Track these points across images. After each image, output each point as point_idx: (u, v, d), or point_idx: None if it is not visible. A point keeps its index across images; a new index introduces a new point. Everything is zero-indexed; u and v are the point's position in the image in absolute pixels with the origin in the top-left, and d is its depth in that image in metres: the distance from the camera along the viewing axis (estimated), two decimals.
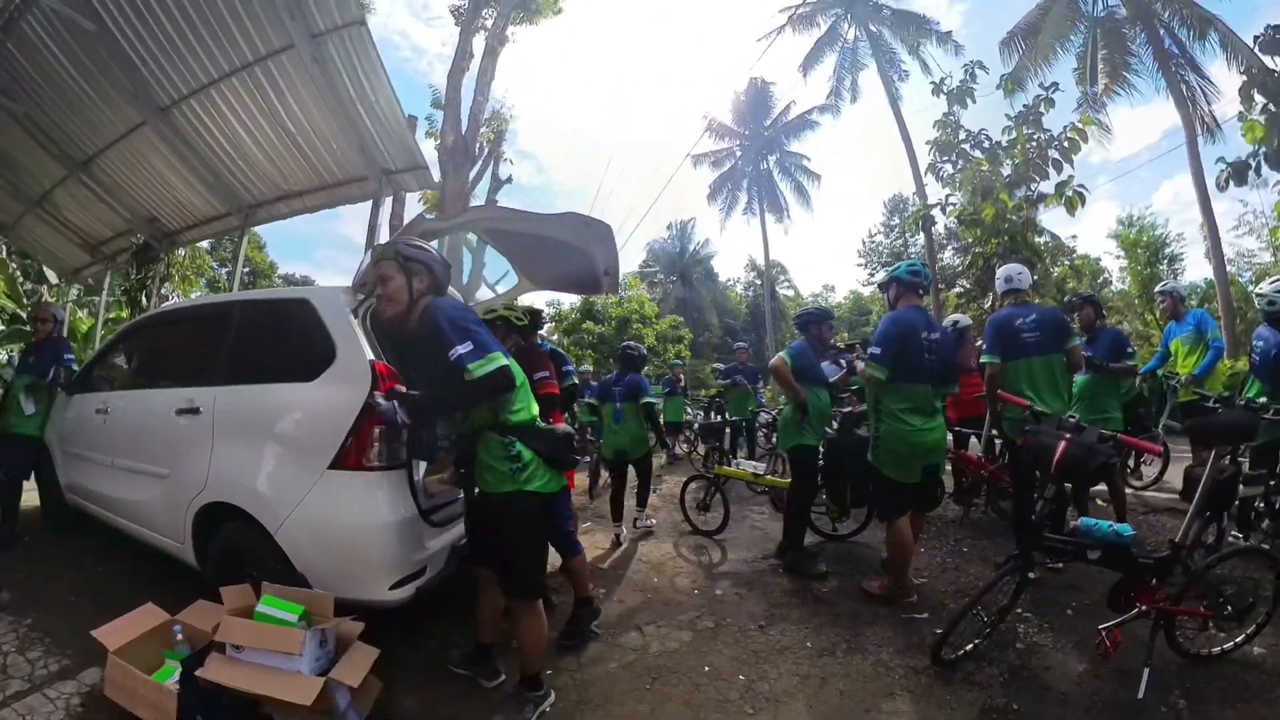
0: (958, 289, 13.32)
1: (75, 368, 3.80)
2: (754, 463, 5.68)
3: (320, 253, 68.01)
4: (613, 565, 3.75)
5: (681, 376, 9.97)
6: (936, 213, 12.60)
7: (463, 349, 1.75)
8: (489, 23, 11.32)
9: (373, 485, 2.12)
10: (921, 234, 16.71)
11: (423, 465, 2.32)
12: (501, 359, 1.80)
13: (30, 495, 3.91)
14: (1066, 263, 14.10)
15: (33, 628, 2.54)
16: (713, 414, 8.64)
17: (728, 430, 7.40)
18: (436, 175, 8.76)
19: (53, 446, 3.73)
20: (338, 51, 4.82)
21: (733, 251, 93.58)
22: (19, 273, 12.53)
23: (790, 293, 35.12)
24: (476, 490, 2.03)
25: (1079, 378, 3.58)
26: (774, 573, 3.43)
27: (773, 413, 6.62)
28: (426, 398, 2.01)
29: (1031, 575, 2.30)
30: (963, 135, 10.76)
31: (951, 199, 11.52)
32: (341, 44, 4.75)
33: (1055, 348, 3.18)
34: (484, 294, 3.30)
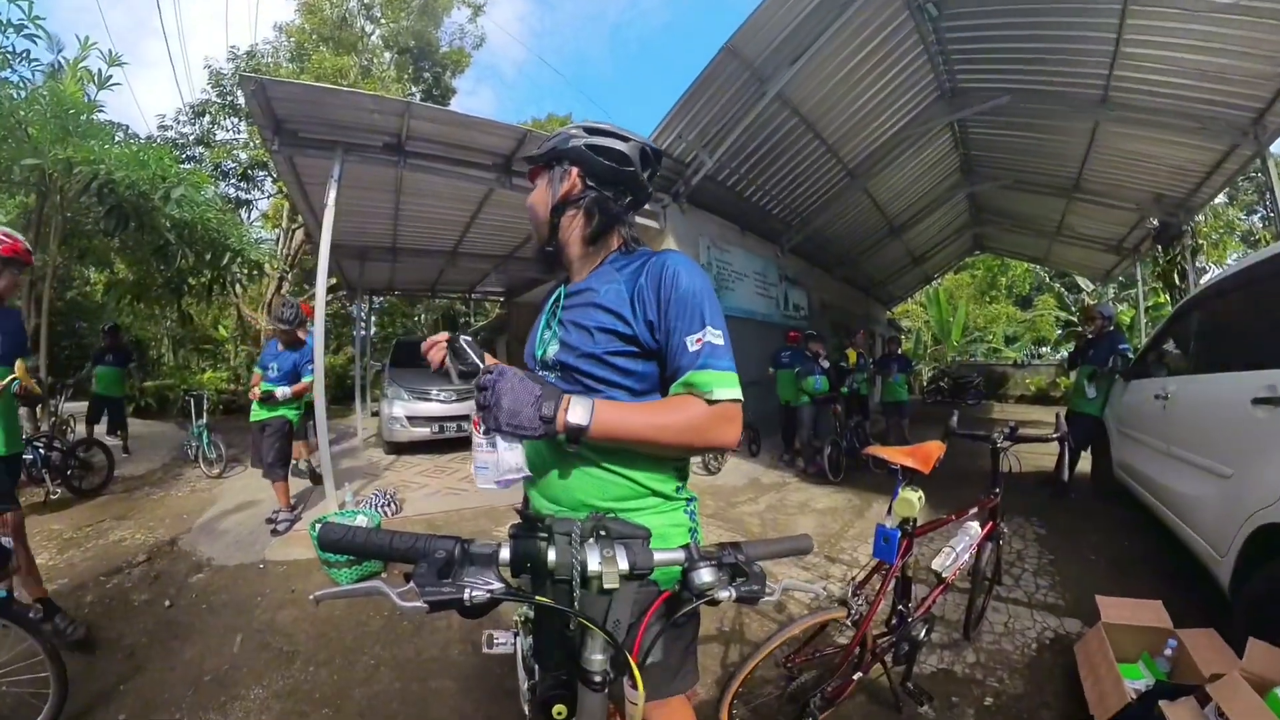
0: None
1: (1130, 356, 4.18)
2: None
3: None
4: None
5: None
6: None
7: None
8: None
9: None
10: None
11: None
12: None
13: (1085, 464, 4.71)
14: None
15: (1052, 563, 3.03)
16: None
17: None
18: None
19: (1109, 425, 4.16)
20: None
21: None
22: (1061, 289, 17.77)
23: None
24: None
25: None
26: None
27: None
28: None
29: None
30: None
31: None
32: None
33: None
34: None
